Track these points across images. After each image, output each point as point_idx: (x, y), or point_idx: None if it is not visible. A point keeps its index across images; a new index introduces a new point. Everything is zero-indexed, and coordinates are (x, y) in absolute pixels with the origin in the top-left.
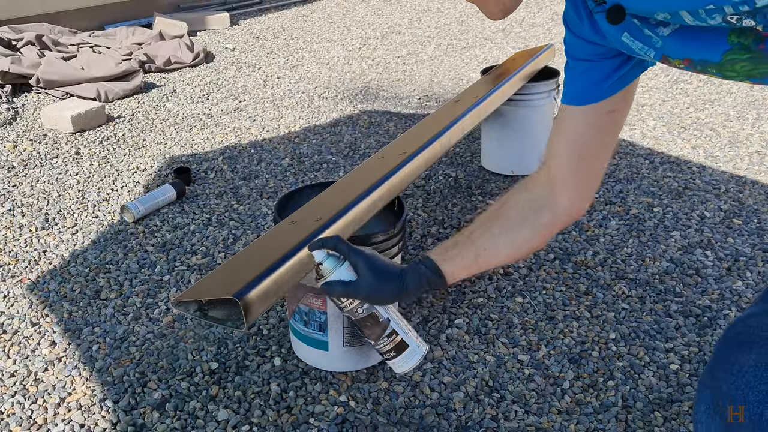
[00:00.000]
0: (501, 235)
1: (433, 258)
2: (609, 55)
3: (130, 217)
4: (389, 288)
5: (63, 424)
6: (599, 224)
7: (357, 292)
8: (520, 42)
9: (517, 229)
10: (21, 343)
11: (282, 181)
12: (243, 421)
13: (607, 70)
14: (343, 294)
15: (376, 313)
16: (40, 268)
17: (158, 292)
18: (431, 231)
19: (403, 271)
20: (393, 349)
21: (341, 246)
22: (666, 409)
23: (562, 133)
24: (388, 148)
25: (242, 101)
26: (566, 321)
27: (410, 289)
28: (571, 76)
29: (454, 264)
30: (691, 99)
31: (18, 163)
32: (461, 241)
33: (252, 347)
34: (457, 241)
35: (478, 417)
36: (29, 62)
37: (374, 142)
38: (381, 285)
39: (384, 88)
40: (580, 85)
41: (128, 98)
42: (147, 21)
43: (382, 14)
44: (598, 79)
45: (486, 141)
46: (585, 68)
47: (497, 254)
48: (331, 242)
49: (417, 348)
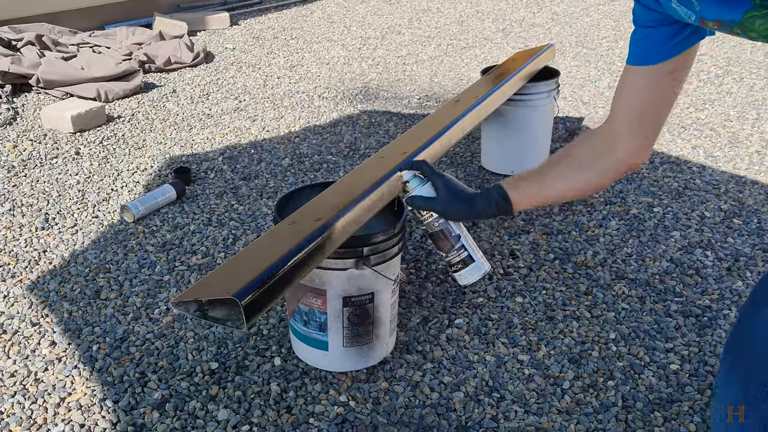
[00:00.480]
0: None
1: (503, 186)
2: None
3: (130, 217)
4: (462, 207)
5: (63, 424)
6: (599, 224)
7: (434, 207)
8: (520, 42)
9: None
10: (21, 343)
11: (282, 181)
12: (243, 421)
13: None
14: (423, 207)
15: (449, 228)
16: (40, 268)
17: (158, 292)
18: None
19: (476, 195)
20: (460, 262)
21: (426, 168)
22: (666, 409)
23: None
24: (388, 148)
25: (242, 101)
26: (566, 321)
27: (480, 209)
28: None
29: (520, 193)
30: (691, 99)
31: (18, 163)
32: (530, 175)
33: (252, 347)
34: (527, 175)
35: (478, 417)
36: (29, 62)
37: (374, 142)
38: (455, 203)
39: (384, 88)
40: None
41: (128, 98)
42: (147, 21)
43: (382, 14)
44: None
45: (486, 141)
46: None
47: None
48: (417, 164)
49: (481, 264)
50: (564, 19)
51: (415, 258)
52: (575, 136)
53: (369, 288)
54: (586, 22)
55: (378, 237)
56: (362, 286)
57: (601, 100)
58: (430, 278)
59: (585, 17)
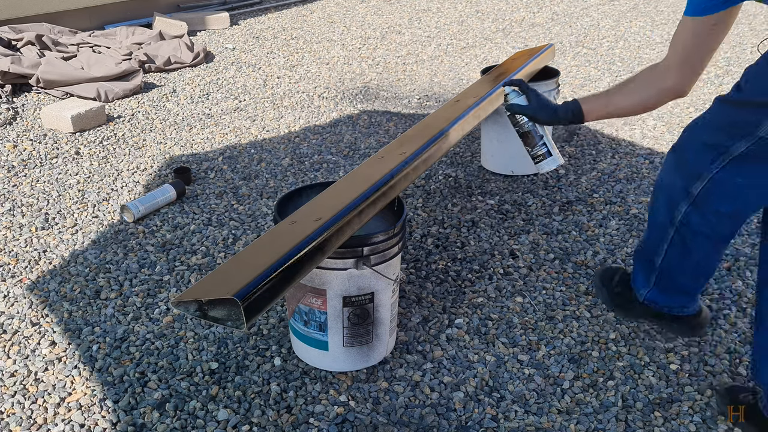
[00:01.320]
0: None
1: (578, 100)
2: None
3: (130, 216)
4: (547, 113)
5: (63, 424)
6: (599, 224)
7: (526, 112)
8: (520, 42)
9: (640, 91)
10: (21, 343)
11: (282, 181)
12: (243, 421)
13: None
14: (518, 112)
15: (535, 129)
16: (40, 268)
17: (158, 292)
18: (431, 231)
19: (558, 105)
20: (542, 155)
21: (522, 84)
22: (666, 409)
23: (677, 35)
24: (388, 148)
25: (242, 101)
26: (566, 321)
27: (560, 115)
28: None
29: (590, 106)
30: (691, 99)
31: (18, 163)
32: (600, 93)
33: (252, 347)
34: (598, 93)
35: (478, 417)
36: (29, 62)
37: (374, 142)
38: (542, 110)
39: (384, 88)
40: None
41: (128, 98)
42: (147, 21)
43: (382, 14)
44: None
45: (486, 141)
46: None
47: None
48: (516, 82)
49: (557, 159)
50: (564, 19)
51: (415, 258)
52: (575, 136)
53: (369, 288)
54: (586, 22)
55: (378, 237)
56: (362, 286)
57: None
58: (430, 278)
59: (585, 17)
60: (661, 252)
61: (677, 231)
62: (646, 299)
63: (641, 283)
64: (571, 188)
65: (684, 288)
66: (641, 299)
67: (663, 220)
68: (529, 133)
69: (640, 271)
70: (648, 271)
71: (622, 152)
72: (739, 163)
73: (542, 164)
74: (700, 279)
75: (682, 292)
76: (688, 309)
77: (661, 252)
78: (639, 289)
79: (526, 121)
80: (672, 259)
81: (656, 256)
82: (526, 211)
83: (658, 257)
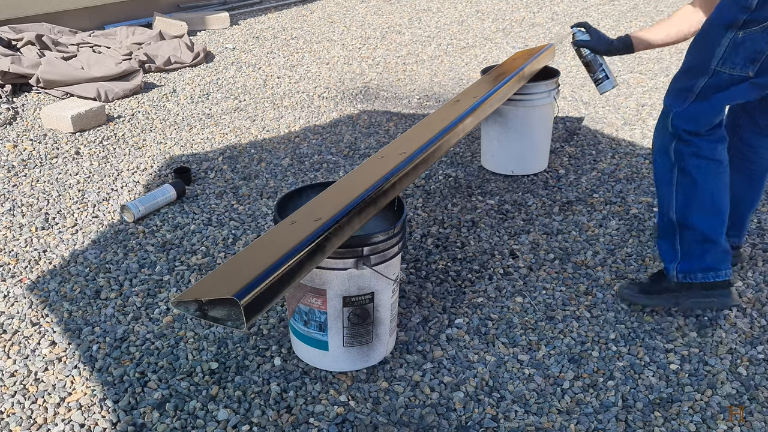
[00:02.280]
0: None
1: (629, 34)
2: None
3: (130, 216)
4: (604, 44)
5: (63, 424)
6: (599, 224)
7: (588, 44)
8: (520, 42)
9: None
10: (21, 343)
11: (282, 181)
12: (243, 421)
13: None
14: (582, 45)
15: (595, 58)
16: (40, 268)
17: (158, 292)
18: (431, 231)
19: (613, 39)
20: (600, 78)
21: (586, 25)
22: (666, 409)
23: None
24: (388, 148)
25: (242, 101)
26: (566, 321)
27: (615, 46)
28: None
29: (638, 38)
30: None
31: (18, 163)
32: (646, 29)
33: (252, 347)
34: (644, 29)
35: (478, 417)
36: (29, 62)
37: (374, 142)
38: (600, 43)
39: (384, 88)
40: None
41: (128, 98)
42: (147, 21)
43: (382, 14)
44: None
45: (486, 141)
46: None
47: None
48: (581, 24)
49: (614, 80)
50: (564, 19)
51: (415, 258)
52: (575, 136)
53: (369, 288)
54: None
55: (378, 237)
56: (362, 286)
57: (600, 100)
58: (430, 278)
59: (585, 17)
60: (673, 200)
61: (677, 168)
62: (679, 273)
63: (669, 257)
64: (571, 188)
65: (704, 234)
66: (676, 277)
67: (664, 168)
68: (591, 62)
69: (666, 246)
70: (671, 237)
71: (622, 152)
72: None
73: (602, 86)
74: (715, 217)
75: (706, 241)
76: (721, 273)
77: (672, 201)
78: (670, 268)
79: (588, 53)
80: (683, 199)
81: (670, 209)
82: (526, 211)
83: (672, 208)
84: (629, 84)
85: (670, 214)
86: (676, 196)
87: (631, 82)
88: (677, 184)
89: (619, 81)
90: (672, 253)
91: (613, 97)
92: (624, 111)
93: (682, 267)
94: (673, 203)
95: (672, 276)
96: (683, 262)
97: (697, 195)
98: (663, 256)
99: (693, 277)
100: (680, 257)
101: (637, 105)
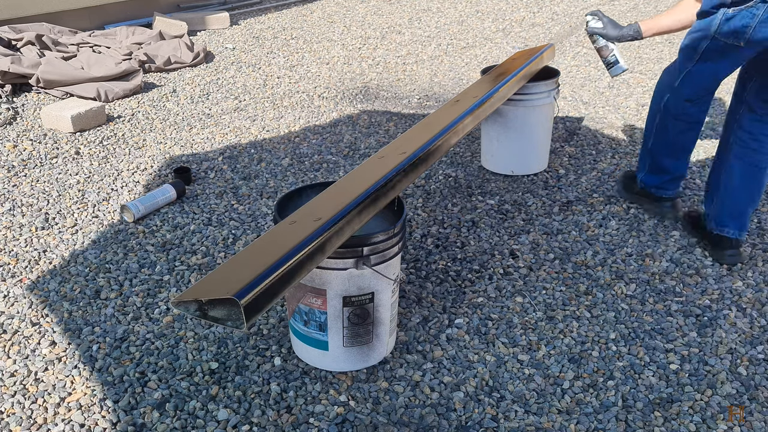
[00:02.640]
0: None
1: (638, 22)
2: None
3: (130, 216)
4: (615, 31)
5: (63, 424)
6: (599, 224)
7: (601, 31)
8: (520, 42)
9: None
10: (21, 343)
11: (282, 181)
12: (243, 421)
13: None
14: (595, 32)
15: (607, 45)
16: (40, 268)
17: (158, 292)
18: (431, 231)
19: (624, 26)
20: (611, 62)
21: (598, 13)
22: (666, 409)
23: None
24: (388, 148)
25: (242, 101)
26: (566, 321)
27: (625, 32)
28: None
29: (647, 26)
30: None
31: (18, 163)
32: (654, 17)
33: (252, 347)
34: (653, 17)
35: (478, 417)
36: (29, 62)
37: (374, 142)
38: (611, 28)
39: (384, 88)
40: None
41: (128, 98)
42: (147, 21)
43: (382, 14)
44: None
45: (486, 141)
46: None
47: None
48: (593, 12)
49: (624, 65)
50: (564, 19)
51: (415, 258)
52: (575, 136)
53: (369, 288)
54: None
55: (378, 237)
56: (362, 285)
57: (600, 100)
58: (430, 278)
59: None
60: (651, 135)
61: (661, 114)
62: (641, 181)
63: (640, 168)
64: (571, 188)
65: (664, 167)
66: (639, 183)
67: (654, 109)
68: (602, 48)
69: (641, 161)
70: (644, 157)
71: (622, 152)
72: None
73: (613, 69)
74: (677, 158)
75: (663, 171)
76: (668, 192)
77: (650, 135)
78: (638, 175)
79: (600, 39)
80: (657, 139)
81: (648, 140)
82: (526, 211)
83: (649, 140)
84: (629, 84)
85: (647, 142)
86: (653, 134)
87: (631, 82)
88: (656, 127)
89: (619, 81)
90: (642, 166)
91: (613, 97)
92: (624, 111)
93: (644, 179)
94: (651, 138)
95: (638, 181)
96: (646, 176)
97: (666, 142)
98: (638, 165)
99: (648, 189)
100: (645, 171)
101: (637, 105)
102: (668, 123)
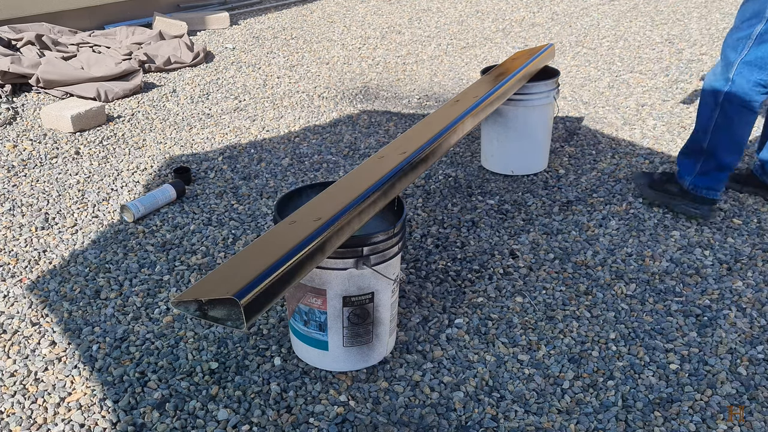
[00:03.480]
0: None
1: None
2: None
3: (130, 216)
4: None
5: (63, 424)
6: (599, 224)
7: None
8: (520, 42)
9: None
10: (21, 343)
11: (282, 181)
12: (243, 420)
13: None
14: None
15: None
16: (40, 268)
17: (158, 292)
18: (431, 231)
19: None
20: None
21: None
22: (666, 409)
23: None
24: (388, 148)
25: (242, 101)
26: (566, 321)
27: None
28: None
29: None
30: (692, 99)
31: (18, 163)
32: None
33: (252, 347)
34: None
35: (478, 417)
36: (29, 62)
37: (374, 142)
38: None
39: (384, 88)
40: None
41: (128, 98)
42: (147, 21)
43: (382, 14)
44: None
45: (486, 141)
46: None
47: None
48: None
49: None
50: (564, 19)
51: (415, 258)
52: (575, 136)
53: (369, 288)
54: (586, 22)
55: (378, 237)
56: (362, 285)
57: (600, 100)
58: (430, 278)
59: (585, 17)
60: (708, 134)
61: (721, 110)
62: (690, 185)
63: (688, 171)
64: (571, 188)
65: (725, 164)
66: (687, 187)
67: (709, 110)
68: None
69: (688, 162)
70: (694, 158)
71: (622, 152)
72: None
73: None
74: (740, 151)
75: (719, 169)
76: (718, 193)
77: (707, 134)
78: (686, 180)
79: None
80: (718, 137)
81: (704, 141)
82: (526, 211)
83: (705, 141)
84: (629, 84)
85: (702, 144)
86: (711, 133)
87: (631, 82)
88: (715, 125)
89: (619, 81)
90: (691, 168)
91: (613, 97)
92: (624, 111)
93: (694, 181)
94: (707, 138)
95: (684, 185)
96: (697, 178)
97: (729, 136)
98: (681, 168)
99: (698, 191)
100: (696, 173)
101: (637, 105)
102: (733, 115)
